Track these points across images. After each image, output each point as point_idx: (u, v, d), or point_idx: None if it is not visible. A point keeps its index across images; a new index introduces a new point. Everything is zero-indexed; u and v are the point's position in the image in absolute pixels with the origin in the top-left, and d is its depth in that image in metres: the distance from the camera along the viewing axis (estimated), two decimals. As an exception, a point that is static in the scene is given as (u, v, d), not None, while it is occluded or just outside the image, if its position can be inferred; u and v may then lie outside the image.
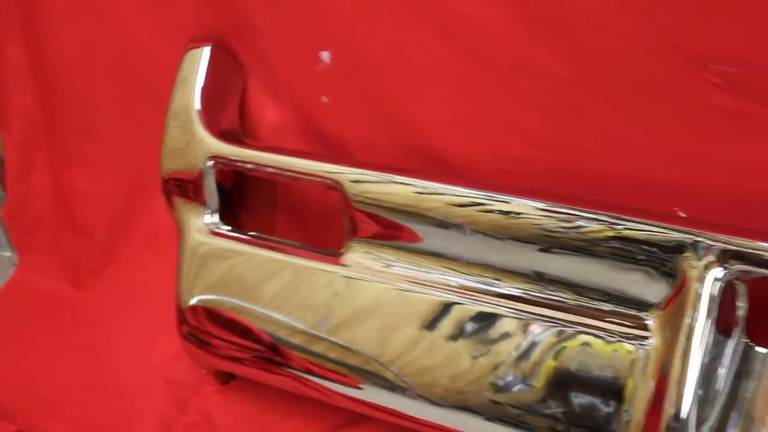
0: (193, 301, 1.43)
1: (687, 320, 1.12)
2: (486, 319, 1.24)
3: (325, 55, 1.42)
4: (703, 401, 1.12)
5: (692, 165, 1.22)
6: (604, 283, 1.20)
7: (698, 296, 1.12)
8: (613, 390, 1.16)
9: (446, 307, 1.27)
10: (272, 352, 1.36)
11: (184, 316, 1.44)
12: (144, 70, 1.58)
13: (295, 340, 1.35)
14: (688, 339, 1.12)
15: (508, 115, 1.30)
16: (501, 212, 1.23)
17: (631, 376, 1.15)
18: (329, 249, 1.38)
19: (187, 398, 1.49)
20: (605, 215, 1.18)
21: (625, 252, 1.16)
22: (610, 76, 1.23)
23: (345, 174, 1.32)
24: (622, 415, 1.14)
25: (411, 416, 1.28)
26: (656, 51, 1.20)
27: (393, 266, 1.31)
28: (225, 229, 1.46)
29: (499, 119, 1.31)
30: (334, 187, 1.33)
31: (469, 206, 1.25)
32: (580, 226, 1.18)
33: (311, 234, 1.49)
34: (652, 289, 1.16)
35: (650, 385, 1.13)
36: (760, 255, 1.09)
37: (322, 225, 1.47)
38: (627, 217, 1.17)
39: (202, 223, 1.46)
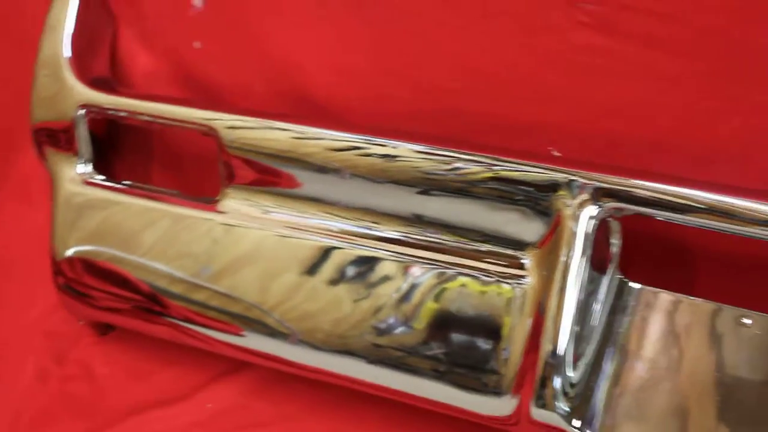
0: (68, 253, 1.41)
1: (562, 258, 1.14)
2: (366, 263, 1.24)
3: (197, 0, 1.38)
4: (579, 337, 1.14)
5: (564, 104, 1.23)
6: (481, 223, 1.20)
7: (573, 234, 1.14)
8: (491, 329, 1.17)
9: (326, 252, 1.26)
10: (151, 302, 1.35)
11: (60, 267, 1.41)
12: (10, 16, 1.52)
13: (175, 288, 1.33)
14: (564, 277, 1.13)
15: (382, 58, 1.30)
16: (379, 155, 1.23)
17: (508, 315, 1.16)
18: (206, 197, 1.34)
19: (66, 350, 1.47)
20: (482, 156, 1.18)
21: (501, 192, 1.17)
22: (482, 18, 1.23)
23: (220, 120, 1.30)
24: (501, 354, 1.16)
25: (293, 361, 1.28)
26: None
27: (272, 212, 1.30)
28: (99, 178, 1.43)
29: (373, 63, 1.31)
30: (209, 133, 1.31)
31: (348, 150, 1.24)
32: (458, 168, 1.18)
33: (188, 182, 1.47)
34: (528, 228, 1.17)
35: (527, 323, 1.15)
36: (632, 192, 1.11)
37: (199, 172, 1.45)
38: (503, 158, 1.17)
39: (75, 174, 1.43)
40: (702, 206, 1.11)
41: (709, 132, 1.19)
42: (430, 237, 1.23)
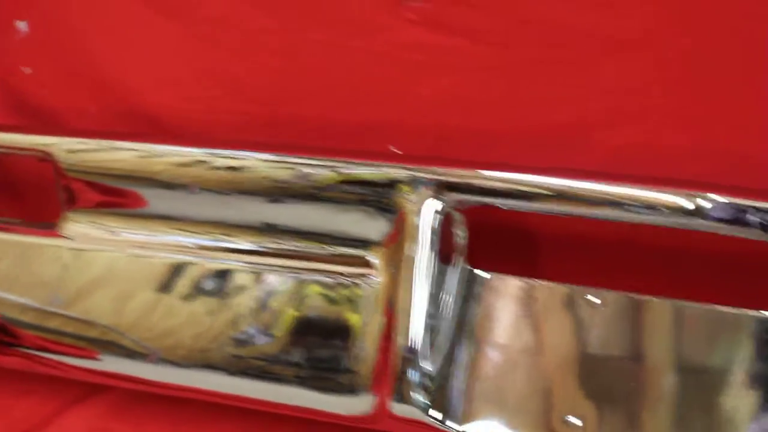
0: None
1: (410, 254, 1.15)
2: (221, 276, 1.24)
3: (22, 25, 1.36)
4: (433, 330, 1.16)
5: (400, 102, 1.25)
6: (330, 227, 1.22)
7: (418, 229, 1.15)
8: (345, 330, 1.18)
9: (180, 268, 1.26)
10: (2, 334, 1.32)
11: None
12: None
13: (27, 318, 1.31)
14: (413, 272, 1.15)
15: (215, 69, 1.29)
16: (226, 168, 1.23)
17: (361, 314, 1.18)
18: (48, 222, 1.33)
19: None
20: (325, 160, 1.19)
21: (345, 194, 1.19)
22: (309, 21, 1.23)
23: (58, 145, 1.28)
24: (356, 353, 1.17)
25: (154, 381, 1.27)
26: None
27: (121, 233, 1.29)
28: (-62, 214, 1.39)
29: (207, 75, 1.30)
30: (45, 159, 1.29)
31: (194, 165, 1.23)
32: (304, 174, 1.19)
33: (31, 209, 1.44)
34: (374, 227, 1.18)
35: (380, 320, 1.16)
36: (473, 184, 1.13)
37: (42, 199, 1.42)
38: (344, 160, 1.18)
39: None
40: (544, 192, 1.14)
41: (541, 119, 1.21)
42: (282, 245, 1.23)
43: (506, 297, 1.21)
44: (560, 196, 1.14)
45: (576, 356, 1.18)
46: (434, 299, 1.16)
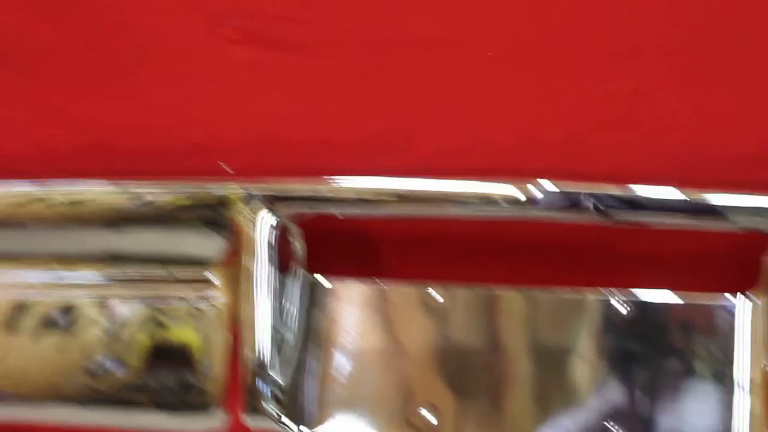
0: None
1: (249, 269, 1.16)
2: (68, 311, 1.23)
3: None
4: (280, 342, 1.17)
5: (229, 122, 1.26)
6: (171, 250, 1.22)
7: (254, 245, 1.16)
8: (194, 351, 1.19)
9: (25, 308, 1.24)
10: None
11: None
12: None
13: None
14: (254, 287, 1.16)
15: (40, 101, 1.29)
16: (65, 203, 1.21)
17: (208, 333, 1.18)
18: None
19: None
20: (159, 184, 1.19)
21: (182, 215, 1.20)
22: (124, 48, 1.24)
23: None
24: (207, 372, 1.18)
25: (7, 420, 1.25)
26: (174, 14, 1.22)
27: (-40, 278, 1.27)
28: None
29: (35, 108, 1.29)
30: None
31: (31, 203, 1.22)
32: (141, 199, 1.19)
33: None
34: (212, 246, 1.20)
35: (227, 337, 1.17)
36: (304, 195, 1.16)
37: None
38: (177, 181, 1.18)
39: None
40: (379, 197, 1.17)
41: (371, 128, 1.24)
42: (126, 273, 1.23)
43: (350, 301, 1.23)
44: (396, 199, 1.16)
45: (426, 353, 1.20)
46: (278, 311, 1.17)
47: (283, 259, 1.18)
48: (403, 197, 1.16)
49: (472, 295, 1.21)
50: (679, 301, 1.17)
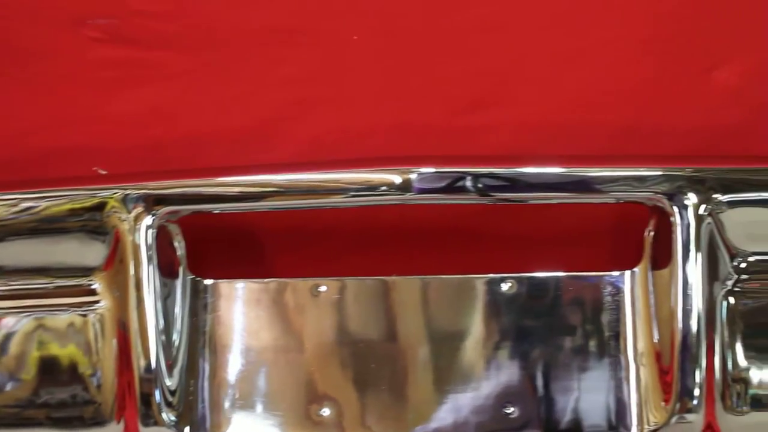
0: None
1: (131, 273, 1.13)
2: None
3: None
4: (168, 346, 1.14)
5: (99, 122, 1.23)
6: (52, 259, 1.19)
7: (135, 247, 1.13)
8: (82, 362, 1.17)
9: None
10: None
11: None
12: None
13: None
14: (138, 291, 1.13)
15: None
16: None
17: (95, 343, 1.15)
18: None
19: None
20: (33, 192, 1.15)
21: (60, 223, 1.15)
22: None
23: None
24: (98, 383, 1.15)
25: None
26: (35, 15, 1.17)
27: None
28: None
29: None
30: None
31: None
32: (21, 208, 1.14)
33: None
34: (92, 252, 1.17)
35: (113, 345, 1.14)
36: (179, 194, 1.13)
37: None
38: (51, 189, 1.14)
39: None
40: (255, 191, 1.16)
41: (239, 120, 1.22)
42: (10, 285, 1.18)
43: (237, 300, 1.21)
44: (274, 192, 1.14)
45: (320, 347, 1.20)
46: (164, 315, 1.14)
47: (165, 262, 1.15)
48: (281, 190, 1.15)
49: (363, 286, 1.21)
50: (568, 279, 1.17)
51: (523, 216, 1.22)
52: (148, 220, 1.14)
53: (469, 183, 1.11)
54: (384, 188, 1.12)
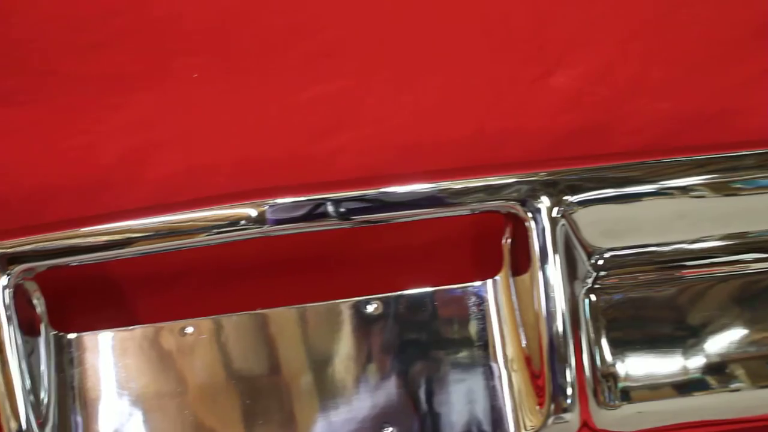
0: None
1: (-9, 338, 1.10)
2: None
3: None
4: (37, 404, 1.11)
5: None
6: None
7: (-7, 310, 1.10)
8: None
9: None
10: None
11: None
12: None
13: None
14: (0, 353, 1.10)
15: None
16: None
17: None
18: None
19: None
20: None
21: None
22: None
23: None
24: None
25: None
26: None
27: None
28: None
29: None
30: None
31: None
32: None
33: None
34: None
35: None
36: (30, 251, 1.13)
37: None
38: None
39: None
40: (108, 239, 1.15)
41: (81, 168, 1.22)
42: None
43: (100, 352, 1.20)
44: (131, 239, 1.14)
45: (189, 389, 1.19)
46: (30, 374, 1.12)
47: (26, 320, 1.13)
48: (139, 236, 1.13)
49: (229, 323, 1.21)
50: (432, 294, 1.18)
51: (385, 235, 1.22)
52: (3, 280, 1.12)
53: (327, 209, 1.12)
54: (243, 222, 1.11)
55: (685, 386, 1.17)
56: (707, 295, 1.19)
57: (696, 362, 1.17)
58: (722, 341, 1.18)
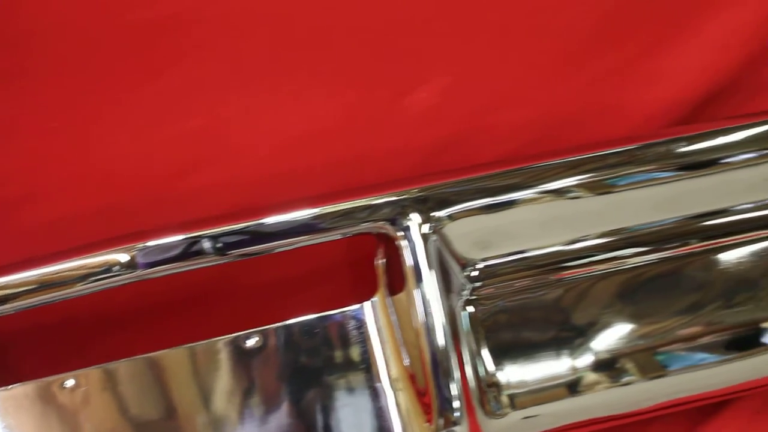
0: None
1: None
2: None
3: None
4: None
5: None
6: None
7: None
8: None
9: None
10: None
11: None
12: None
13: None
14: None
15: None
16: None
17: None
18: None
19: None
20: None
21: None
22: None
23: None
24: None
25: None
26: None
27: None
28: None
29: None
30: None
31: None
32: None
33: None
34: None
35: None
36: None
37: None
38: None
39: None
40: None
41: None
42: None
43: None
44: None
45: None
46: None
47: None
48: (9, 292, 1.11)
49: (107, 372, 1.19)
50: (312, 321, 1.18)
51: (263, 267, 1.22)
52: None
53: (201, 246, 1.12)
54: (115, 269, 1.10)
55: (574, 386, 1.18)
56: (589, 294, 1.20)
57: (583, 361, 1.18)
58: (608, 338, 1.19)
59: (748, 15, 1.32)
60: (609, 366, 1.19)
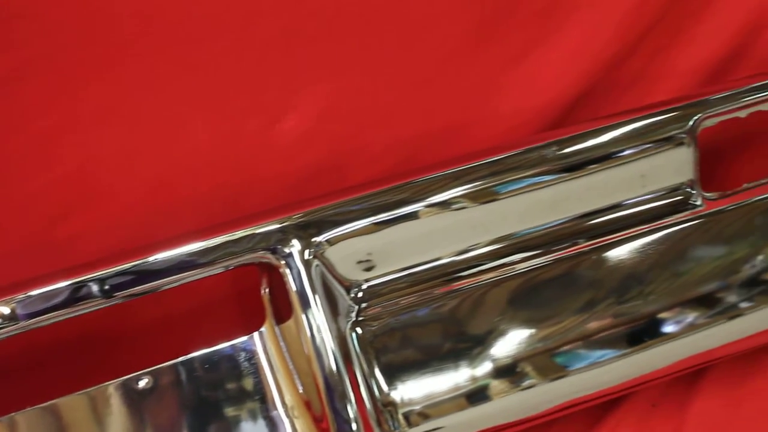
0: None
1: None
2: None
3: None
4: None
5: None
6: None
7: None
8: None
9: None
10: None
11: None
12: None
13: None
14: None
15: None
16: None
17: None
18: None
19: None
20: None
21: None
22: None
23: None
24: None
25: None
26: None
27: None
28: None
29: None
30: None
31: None
32: None
33: None
34: None
35: None
36: None
37: None
38: None
39: None
40: None
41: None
42: None
43: None
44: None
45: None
46: None
47: None
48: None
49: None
50: (202, 357, 1.17)
51: (150, 306, 1.21)
52: None
53: (84, 291, 1.10)
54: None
55: (473, 396, 1.19)
56: (481, 303, 1.21)
57: (481, 370, 1.19)
58: (504, 344, 1.20)
59: (606, 16, 1.34)
60: (507, 372, 1.20)
